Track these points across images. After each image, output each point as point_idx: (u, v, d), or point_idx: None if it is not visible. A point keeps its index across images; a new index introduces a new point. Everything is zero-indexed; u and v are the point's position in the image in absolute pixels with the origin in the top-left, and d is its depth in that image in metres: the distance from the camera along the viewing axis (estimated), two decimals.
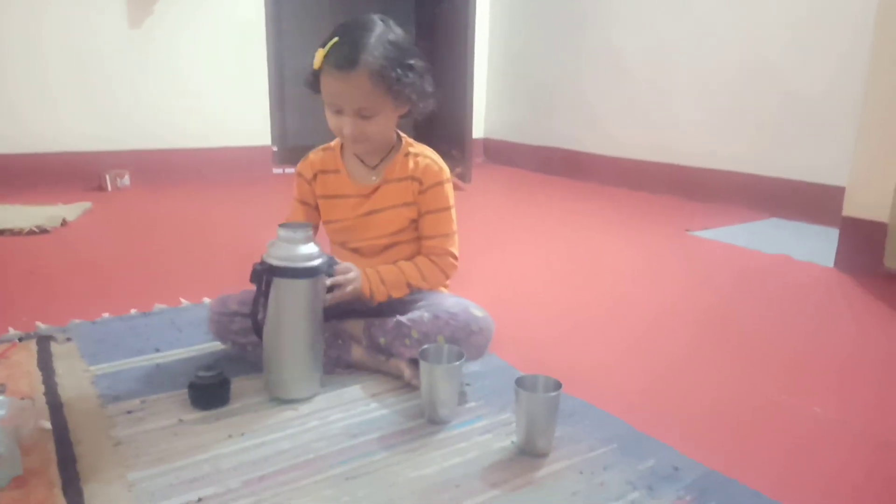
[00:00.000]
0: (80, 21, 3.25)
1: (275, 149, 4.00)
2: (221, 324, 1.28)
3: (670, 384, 1.34)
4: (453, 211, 1.34)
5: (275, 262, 1.12)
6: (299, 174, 1.35)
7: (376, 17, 1.21)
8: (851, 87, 2.65)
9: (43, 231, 2.39)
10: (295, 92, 4.94)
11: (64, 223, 2.50)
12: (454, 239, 1.34)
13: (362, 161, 1.32)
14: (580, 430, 1.11)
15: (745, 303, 1.88)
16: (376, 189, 1.30)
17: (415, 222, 1.33)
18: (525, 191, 3.76)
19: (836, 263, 2.21)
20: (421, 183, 1.30)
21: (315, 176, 1.33)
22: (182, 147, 3.62)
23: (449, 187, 1.32)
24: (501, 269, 2.12)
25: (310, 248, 1.15)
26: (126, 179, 3.33)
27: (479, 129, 4.63)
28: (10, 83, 3.15)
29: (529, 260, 2.28)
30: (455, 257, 1.34)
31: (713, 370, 1.41)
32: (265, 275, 1.13)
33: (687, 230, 2.71)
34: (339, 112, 1.20)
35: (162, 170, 3.52)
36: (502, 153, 4.66)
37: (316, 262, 1.14)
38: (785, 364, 1.46)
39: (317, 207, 1.35)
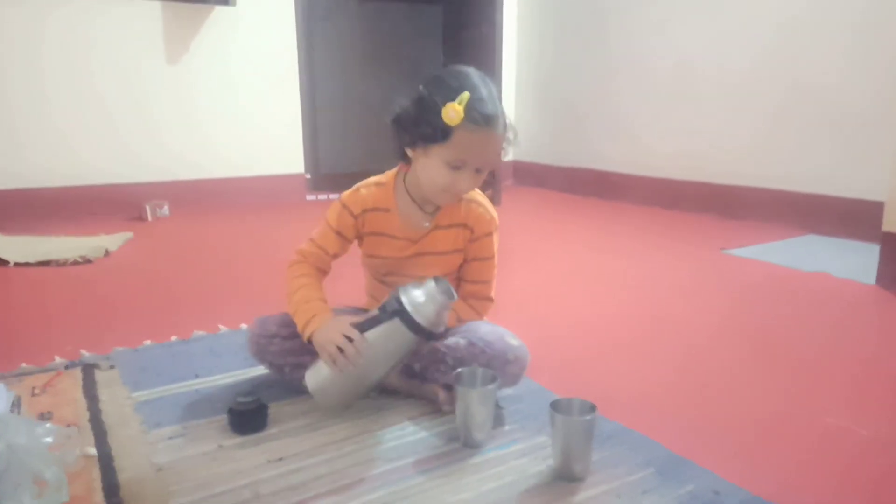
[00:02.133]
0: (120, 58, 3.38)
1: (308, 176, 4.07)
2: (260, 345, 1.30)
3: (709, 406, 1.32)
4: (496, 257, 1.34)
5: (412, 313, 1.11)
6: (345, 206, 1.27)
7: (471, 69, 1.18)
8: (890, 98, 2.61)
9: (86, 261, 2.47)
10: (327, 120, 5.05)
11: (106, 253, 2.58)
12: (494, 284, 1.35)
13: (419, 206, 1.27)
14: (617, 454, 1.10)
15: (786, 322, 1.85)
16: (426, 234, 1.28)
17: (461, 268, 1.33)
18: (556, 212, 3.75)
19: (877, 280, 2.16)
20: (472, 231, 1.29)
21: (363, 212, 1.27)
22: (219, 177, 3.71)
23: (497, 236, 1.32)
24: (534, 291, 2.11)
25: (445, 316, 1.14)
26: (165, 209, 3.42)
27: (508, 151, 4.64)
28: (52, 119, 3.27)
29: (562, 281, 2.27)
30: (493, 300, 1.35)
31: (754, 391, 1.39)
32: (396, 315, 1.12)
33: (722, 249, 2.68)
34: (459, 168, 1.15)
35: (200, 199, 3.61)
36: (532, 175, 4.67)
37: (439, 329, 1.15)
38: (830, 385, 1.42)
39: (351, 241, 1.32)
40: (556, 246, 2.85)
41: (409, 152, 1.20)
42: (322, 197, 4.04)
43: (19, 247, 2.62)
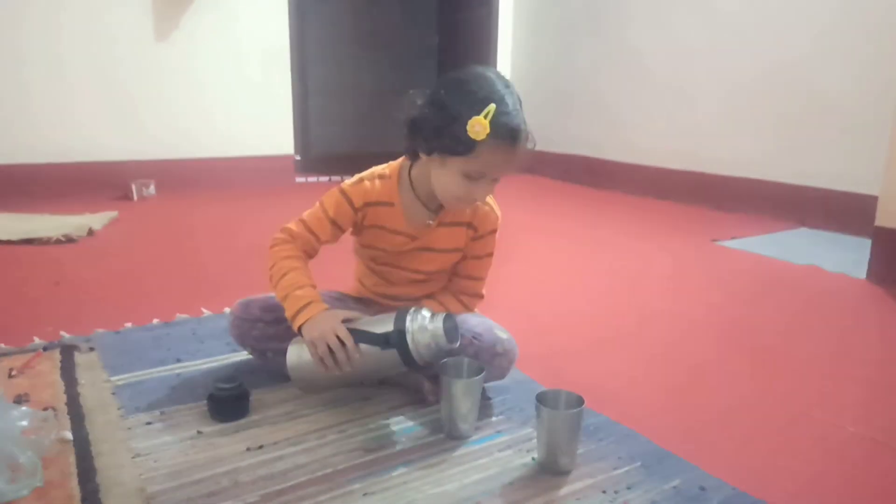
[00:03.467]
0: (107, 33, 3.31)
1: (297, 158, 4.02)
2: (243, 329, 1.27)
3: (697, 399, 1.31)
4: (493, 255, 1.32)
5: (413, 351, 1.08)
6: (346, 195, 1.21)
7: (494, 74, 1.11)
8: (886, 92, 2.59)
9: (70, 240, 2.43)
10: (318, 101, 4.99)
11: (90, 232, 2.54)
12: (485, 281, 1.33)
13: (423, 203, 1.22)
14: (603, 448, 1.09)
15: (775, 316, 1.84)
16: (428, 231, 1.24)
17: (456, 264, 1.30)
18: (547, 199, 3.73)
19: (868, 275, 2.15)
20: (476, 230, 1.26)
21: (364, 205, 1.21)
22: (207, 157, 3.66)
23: (498, 234, 1.30)
24: (523, 281, 2.09)
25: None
26: (152, 189, 3.37)
27: None
28: (37, 94, 3.21)
29: (551, 271, 2.25)
30: (482, 297, 1.33)
31: (742, 385, 1.38)
32: (395, 347, 1.08)
33: (713, 240, 2.67)
34: (476, 180, 1.11)
35: (187, 179, 3.56)
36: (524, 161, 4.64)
37: (431, 364, 1.12)
38: (817, 379, 1.42)
39: (345, 231, 1.26)
40: (547, 235, 2.83)
41: (423, 156, 1.15)
42: (312, 179, 4.00)
43: (2, 224, 2.58)
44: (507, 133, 1.06)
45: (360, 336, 1.10)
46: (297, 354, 1.16)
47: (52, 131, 3.26)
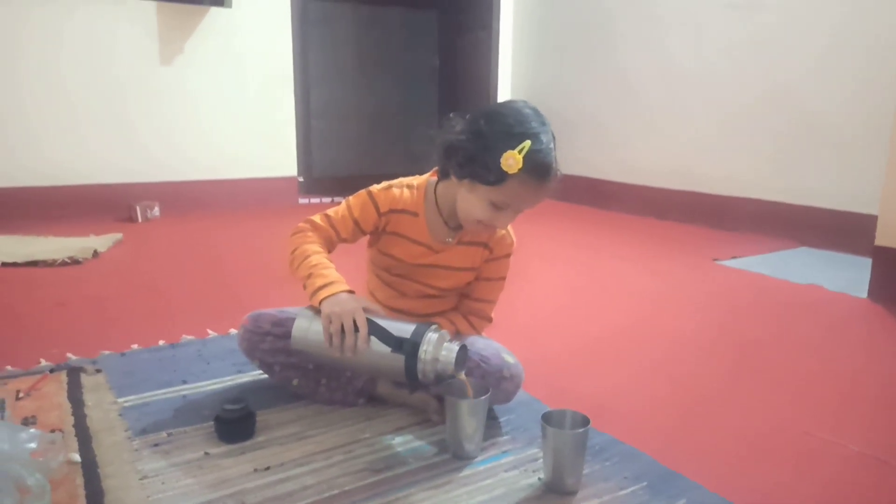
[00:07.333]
0: (113, 57, 3.35)
1: (300, 179, 4.05)
2: (252, 342, 1.28)
3: (701, 418, 1.31)
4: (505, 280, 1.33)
5: (420, 370, 1.08)
6: (373, 199, 1.23)
7: (532, 110, 1.13)
8: (882, 111, 2.62)
9: (75, 262, 2.44)
10: (320, 124, 5.04)
11: (95, 254, 2.55)
12: (495, 304, 1.34)
13: (444, 220, 1.25)
14: (609, 468, 1.09)
15: (777, 335, 1.84)
16: (447, 248, 1.27)
17: (469, 284, 1.32)
18: (548, 220, 3.74)
19: (869, 294, 2.16)
20: (491, 251, 1.29)
21: (389, 211, 1.24)
22: (211, 178, 3.68)
23: (511, 258, 1.32)
24: (526, 300, 2.10)
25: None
26: (156, 210, 3.39)
27: None
28: (43, 117, 3.24)
29: (554, 291, 2.26)
30: (491, 321, 1.35)
31: (745, 404, 1.38)
32: (405, 355, 1.08)
33: (714, 259, 2.68)
34: (501, 209, 1.14)
35: (191, 201, 3.59)
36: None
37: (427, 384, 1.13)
38: (820, 398, 1.42)
39: (365, 234, 1.28)
40: (549, 255, 2.84)
41: (454, 178, 1.17)
42: (314, 200, 4.02)
43: (7, 246, 2.59)
44: (538, 170, 1.09)
45: (375, 330, 1.09)
46: (306, 324, 1.15)
47: (56, 154, 3.29)
